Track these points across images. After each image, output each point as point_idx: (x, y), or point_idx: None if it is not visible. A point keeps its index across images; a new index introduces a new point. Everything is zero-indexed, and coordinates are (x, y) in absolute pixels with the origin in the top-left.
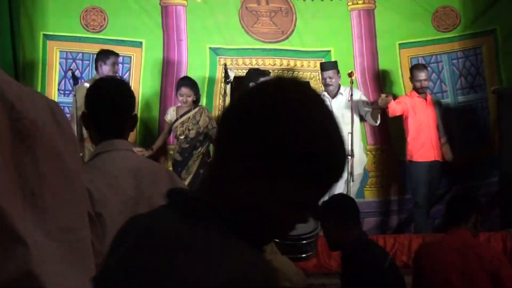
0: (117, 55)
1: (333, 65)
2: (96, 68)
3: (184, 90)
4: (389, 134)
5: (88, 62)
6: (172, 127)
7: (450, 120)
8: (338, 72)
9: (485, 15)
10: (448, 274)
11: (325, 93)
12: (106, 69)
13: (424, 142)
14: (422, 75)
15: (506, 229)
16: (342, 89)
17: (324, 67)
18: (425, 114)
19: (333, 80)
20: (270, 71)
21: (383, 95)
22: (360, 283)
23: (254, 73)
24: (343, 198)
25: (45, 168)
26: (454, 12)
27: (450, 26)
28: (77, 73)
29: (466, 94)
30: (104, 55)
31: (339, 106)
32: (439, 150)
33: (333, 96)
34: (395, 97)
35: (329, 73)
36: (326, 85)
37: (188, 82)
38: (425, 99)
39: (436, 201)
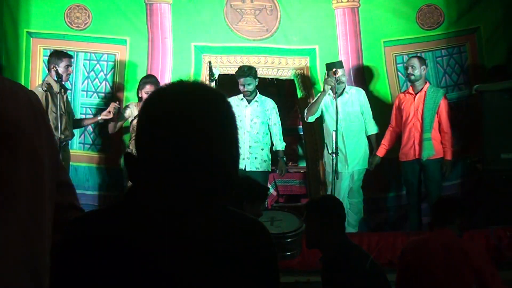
0: (70, 57)
1: (339, 64)
2: (49, 70)
3: (149, 87)
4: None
5: (72, 60)
6: (132, 123)
7: None
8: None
9: (469, 13)
10: (434, 270)
11: (330, 92)
12: (60, 71)
13: (406, 141)
14: (408, 63)
15: (489, 227)
16: (347, 89)
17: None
18: (410, 112)
19: (343, 78)
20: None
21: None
22: (341, 286)
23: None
24: (332, 200)
25: (23, 172)
26: (438, 10)
27: (434, 24)
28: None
29: (451, 92)
30: (57, 57)
31: (343, 105)
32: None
33: (339, 94)
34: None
35: (340, 71)
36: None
37: (153, 80)
38: (415, 95)
39: (423, 199)
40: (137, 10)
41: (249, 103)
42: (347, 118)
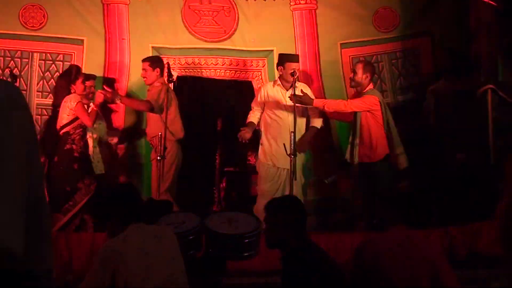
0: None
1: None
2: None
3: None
4: (332, 133)
5: (27, 60)
6: None
7: None
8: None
9: (424, 15)
10: (389, 271)
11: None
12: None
13: (358, 144)
14: (353, 67)
15: (443, 227)
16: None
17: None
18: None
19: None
20: (213, 70)
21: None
22: (300, 285)
23: None
24: (295, 200)
25: None
26: (394, 13)
27: (390, 26)
28: (15, 71)
29: (405, 94)
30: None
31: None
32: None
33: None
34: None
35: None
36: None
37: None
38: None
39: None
40: (94, 10)
41: None
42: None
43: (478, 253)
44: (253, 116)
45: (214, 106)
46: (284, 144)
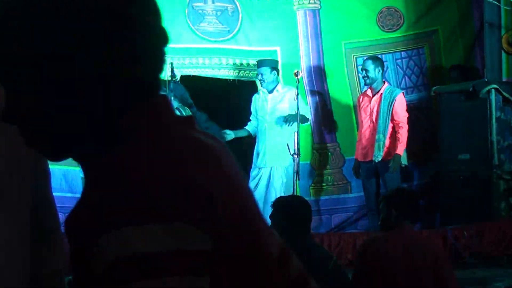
0: None
1: (265, 63)
2: None
3: None
4: (335, 132)
5: None
6: None
7: None
8: (273, 69)
9: (428, 15)
10: (392, 270)
11: (264, 90)
12: None
13: (362, 141)
14: (362, 66)
15: (446, 227)
16: (279, 87)
17: (257, 64)
18: (366, 113)
19: (265, 76)
20: (216, 70)
21: None
22: None
23: None
24: (298, 200)
25: None
26: (398, 12)
27: (394, 26)
28: None
29: (410, 94)
30: None
31: (274, 102)
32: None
33: (269, 91)
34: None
35: (261, 70)
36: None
37: None
38: (371, 96)
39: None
40: None
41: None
42: (273, 114)
43: (480, 253)
44: None
45: (218, 106)
46: (287, 144)
